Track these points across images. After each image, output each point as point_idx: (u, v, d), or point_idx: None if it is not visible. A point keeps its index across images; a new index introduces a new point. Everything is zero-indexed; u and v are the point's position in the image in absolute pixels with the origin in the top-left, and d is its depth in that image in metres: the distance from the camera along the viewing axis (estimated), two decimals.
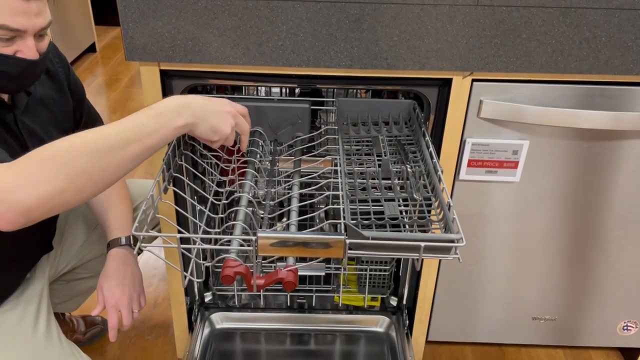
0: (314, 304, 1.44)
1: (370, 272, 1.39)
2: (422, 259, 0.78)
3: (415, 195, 0.93)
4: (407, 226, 0.91)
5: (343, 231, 0.79)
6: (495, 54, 1.04)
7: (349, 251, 0.78)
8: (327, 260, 1.48)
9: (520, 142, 1.15)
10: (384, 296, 1.44)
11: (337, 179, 1.02)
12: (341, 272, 1.44)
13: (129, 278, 1.10)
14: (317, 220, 1.48)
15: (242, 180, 1.07)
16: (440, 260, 1.31)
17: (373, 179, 1.01)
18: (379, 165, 1.04)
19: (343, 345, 1.37)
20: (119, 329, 1.08)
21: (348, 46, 1.02)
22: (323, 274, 1.40)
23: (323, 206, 1.44)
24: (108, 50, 3.83)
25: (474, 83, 1.09)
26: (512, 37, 1.02)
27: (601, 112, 1.10)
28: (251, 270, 0.83)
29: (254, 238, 0.79)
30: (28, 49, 0.88)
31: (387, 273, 1.40)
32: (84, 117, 1.18)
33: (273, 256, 1.23)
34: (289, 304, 1.44)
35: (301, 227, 0.99)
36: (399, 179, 1.01)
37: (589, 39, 1.03)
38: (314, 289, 1.44)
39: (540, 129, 1.14)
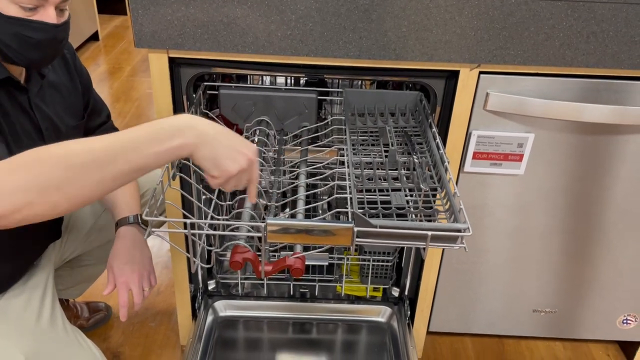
0: (316, 294, 1.45)
1: (373, 263, 1.40)
2: (428, 248, 0.79)
3: (422, 186, 0.94)
4: (413, 216, 0.92)
5: (351, 219, 0.80)
6: (503, 47, 1.04)
7: (357, 239, 0.79)
8: (331, 250, 1.49)
9: (525, 135, 1.16)
10: (386, 287, 1.45)
11: (343, 169, 1.03)
12: (344, 262, 1.45)
13: (138, 256, 1.11)
14: (320, 211, 1.48)
15: None
16: (443, 251, 1.32)
17: (379, 169, 1.02)
18: (386, 156, 1.05)
19: (345, 335, 1.39)
20: (129, 308, 1.08)
21: (357, 36, 1.03)
22: (326, 263, 1.41)
23: (326, 197, 1.44)
24: (111, 39, 3.83)
25: (481, 75, 1.09)
26: (520, 30, 1.02)
27: (607, 107, 1.11)
28: (259, 257, 0.84)
29: (263, 225, 0.80)
30: (50, 19, 0.90)
31: (389, 264, 1.41)
32: (90, 104, 1.19)
33: (278, 244, 1.24)
34: (291, 292, 1.45)
35: (305, 217, 1.00)
36: (405, 170, 1.02)
37: (596, 33, 1.03)
38: (316, 278, 1.45)
39: (545, 122, 1.15)
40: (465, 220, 0.79)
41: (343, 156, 1.11)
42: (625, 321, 1.45)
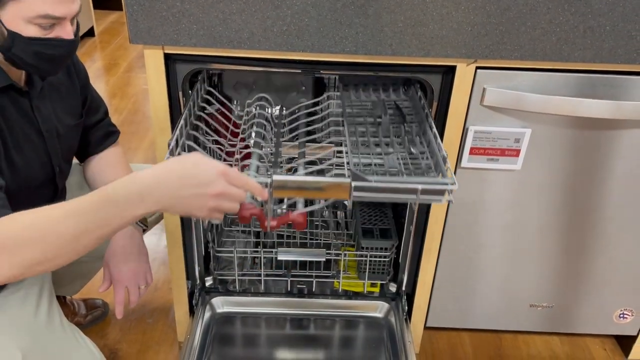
0: (313, 289, 1.45)
1: (370, 259, 1.40)
2: (418, 202, 0.86)
3: (412, 150, 0.97)
4: (405, 176, 0.95)
5: (348, 176, 0.84)
6: (500, 42, 1.04)
7: (354, 193, 0.85)
8: (328, 246, 1.49)
9: (522, 130, 1.15)
10: (384, 282, 1.45)
11: (340, 138, 1.08)
12: (341, 258, 1.45)
13: (135, 254, 1.11)
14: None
15: (246, 162, 1.09)
16: (440, 246, 1.32)
17: (373, 137, 1.06)
18: (379, 124, 1.07)
19: (342, 330, 1.39)
20: (125, 306, 1.09)
21: (353, 32, 1.02)
22: (323, 259, 1.41)
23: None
24: (107, 35, 3.81)
25: (478, 70, 1.09)
26: (517, 25, 1.02)
27: (603, 101, 1.11)
28: (265, 213, 0.88)
29: (269, 180, 0.83)
30: (66, 34, 0.92)
31: (386, 259, 1.41)
32: (88, 101, 1.18)
33: (281, 208, 1.27)
34: (289, 288, 1.45)
35: None
36: (397, 137, 1.06)
37: (593, 27, 1.03)
38: (314, 274, 1.45)
39: (542, 117, 1.15)
40: (452, 176, 0.87)
41: (338, 126, 1.14)
42: (621, 315, 1.45)
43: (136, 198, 0.75)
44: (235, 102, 1.34)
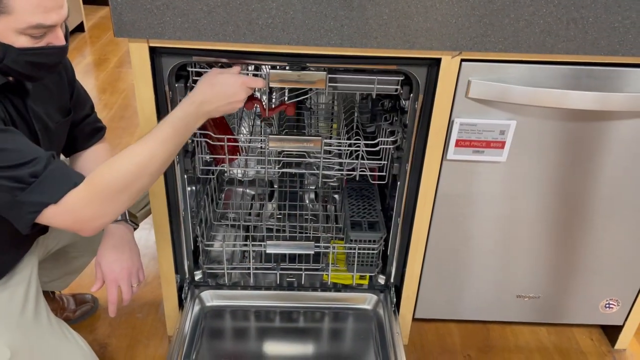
0: (303, 282, 1.46)
1: (359, 251, 1.41)
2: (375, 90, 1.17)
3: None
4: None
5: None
6: (484, 34, 1.04)
7: (329, 84, 1.15)
8: (317, 239, 1.49)
9: (507, 122, 1.16)
10: (372, 274, 1.46)
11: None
12: (330, 250, 1.46)
13: (127, 253, 1.11)
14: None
15: (233, 157, 1.09)
16: (427, 238, 1.33)
17: None
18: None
19: (331, 323, 1.40)
20: (117, 303, 1.09)
21: (338, 24, 1.03)
22: (312, 252, 1.42)
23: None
24: (96, 30, 3.79)
25: (463, 63, 1.09)
26: (501, 17, 1.03)
27: (588, 93, 1.11)
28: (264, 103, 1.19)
29: (266, 73, 1.09)
30: (58, 40, 0.92)
31: (375, 252, 1.42)
32: (74, 97, 1.18)
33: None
34: (278, 282, 1.46)
35: None
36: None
37: (576, 19, 1.03)
38: (303, 267, 1.46)
39: (527, 109, 1.15)
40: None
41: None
42: (607, 305, 1.47)
43: (194, 118, 1.02)
44: None
